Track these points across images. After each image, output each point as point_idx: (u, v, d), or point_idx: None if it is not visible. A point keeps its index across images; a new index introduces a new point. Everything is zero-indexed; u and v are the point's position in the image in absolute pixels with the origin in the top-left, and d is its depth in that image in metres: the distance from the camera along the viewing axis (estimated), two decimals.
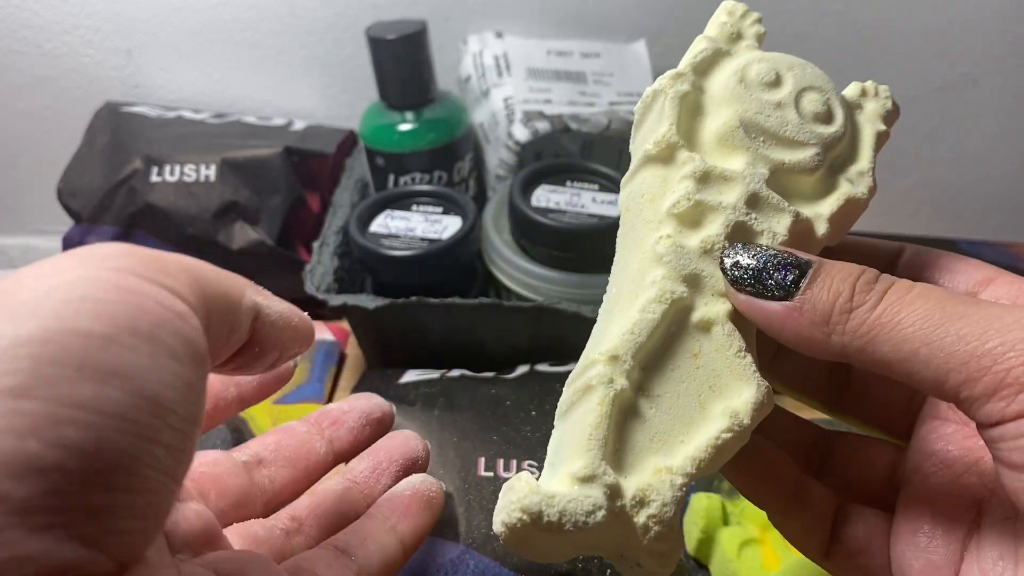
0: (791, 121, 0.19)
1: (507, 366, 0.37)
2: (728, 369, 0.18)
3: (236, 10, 0.47)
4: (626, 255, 0.20)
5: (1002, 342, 0.13)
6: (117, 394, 0.11)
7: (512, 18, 0.47)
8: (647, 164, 0.19)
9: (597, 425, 0.16)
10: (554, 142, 0.42)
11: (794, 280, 0.17)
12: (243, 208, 0.43)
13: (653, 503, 0.16)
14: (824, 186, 0.19)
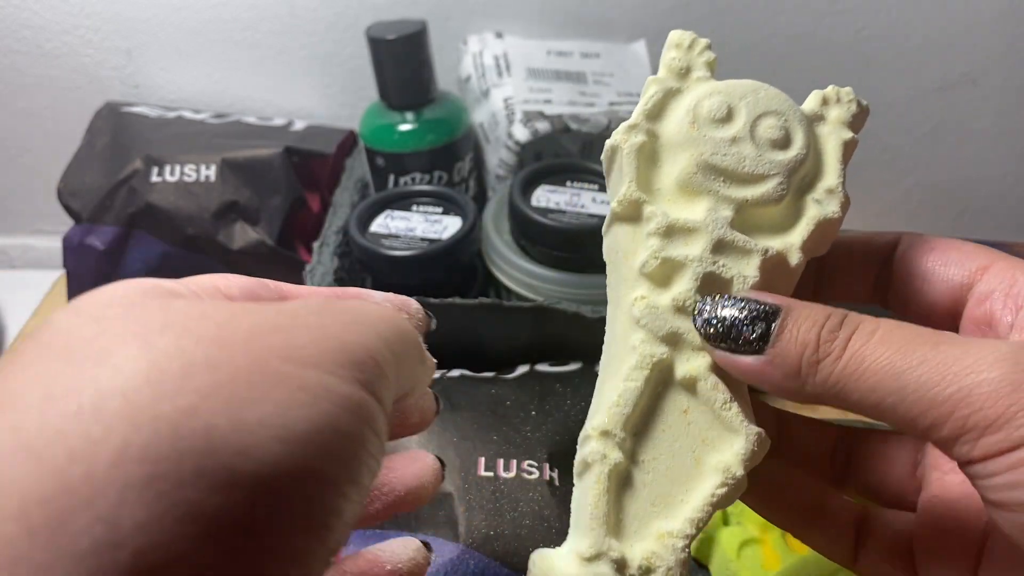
0: (748, 155, 0.19)
1: (507, 366, 0.37)
2: (716, 422, 0.18)
3: (236, 10, 0.47)
4: (613, 310, 0.20)
5: (959, 387, 0.14)
6: None
7: (512, 18, 0.47)
8: (615, 222, 0.19)
9: (596, 503, 0.17)
10: (554, 142, 0.42)
11: (762, 334, 0.17)
12: (243, 208, 0.43)
13: (659, 569, 0.17)
14: (794, 211, 0.19)
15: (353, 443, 0.11)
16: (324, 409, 0.11)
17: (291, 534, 0.10)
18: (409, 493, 0.20)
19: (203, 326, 0.11)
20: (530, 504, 0.29)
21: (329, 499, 0.11)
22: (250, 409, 0.10)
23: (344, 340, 0.12)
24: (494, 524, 0.29)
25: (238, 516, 0.10)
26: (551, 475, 0.30)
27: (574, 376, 0.35)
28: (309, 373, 0.11)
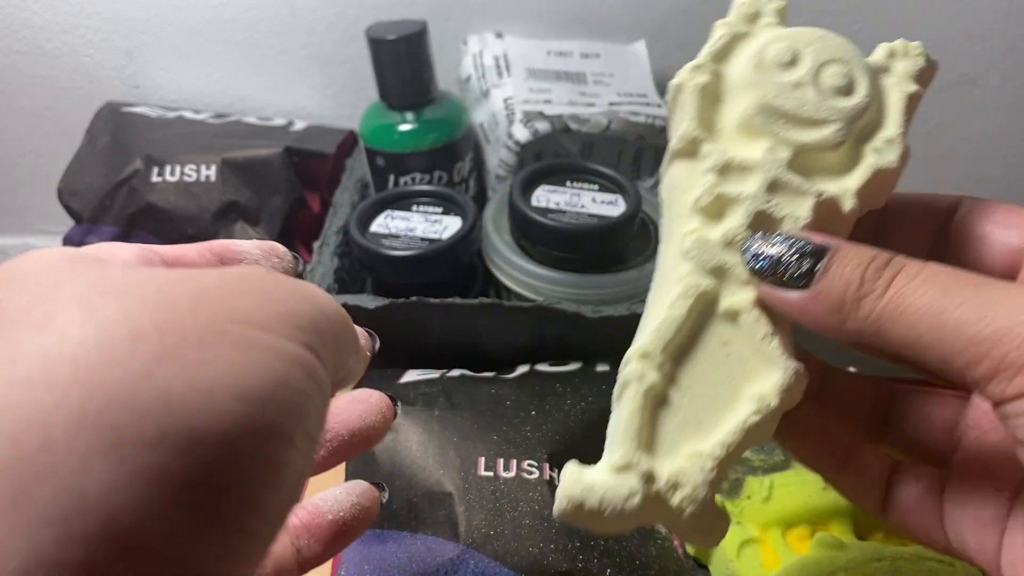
0: (810, 100, 0.19)
1: (507, 366, 0.37)
2: (756, 355, 0.18)
3: (236, 10, 0.47)
4: (665, 246, 0.20)
5: (998, 328, 0.14)
6: None
7: (512, 18, 0.47)
8: (675, 159, 0.20)
9: (630, 419, 0.18)
10: (554, 142, 0.42)
11: (808, 269, 0.17)
12: (243, 208, 0.43)
13: (685, 485, 0.17)
14: (852, 159, 0.19)
15: (303, 398, 0.11)
16: (275, 367, 0.11)
17: (257, 489, 0.11)
18: (355, 435, 0.20)
19: (146, 291, 0.11)
20: (530, 504, 0.29)
21: (286, 453, 0.11)
22: (204, 370, 0.10)
23: (288, 305, 0.12)
24: (494, 524, 0.29)
25: (206, 475, 0.10)
26: (551, 475, 0.31)
27: (574, 376, 0.35)
28: (257, 334, 0.11)
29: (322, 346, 0.13)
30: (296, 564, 0.19)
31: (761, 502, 0.29)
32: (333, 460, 0.20)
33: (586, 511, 0.17)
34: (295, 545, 0.19)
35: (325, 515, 0.20)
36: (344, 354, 0.14)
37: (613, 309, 0.34)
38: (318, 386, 0.12)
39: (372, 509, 0.21)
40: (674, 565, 0.30)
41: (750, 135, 0.19)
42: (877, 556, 0.27)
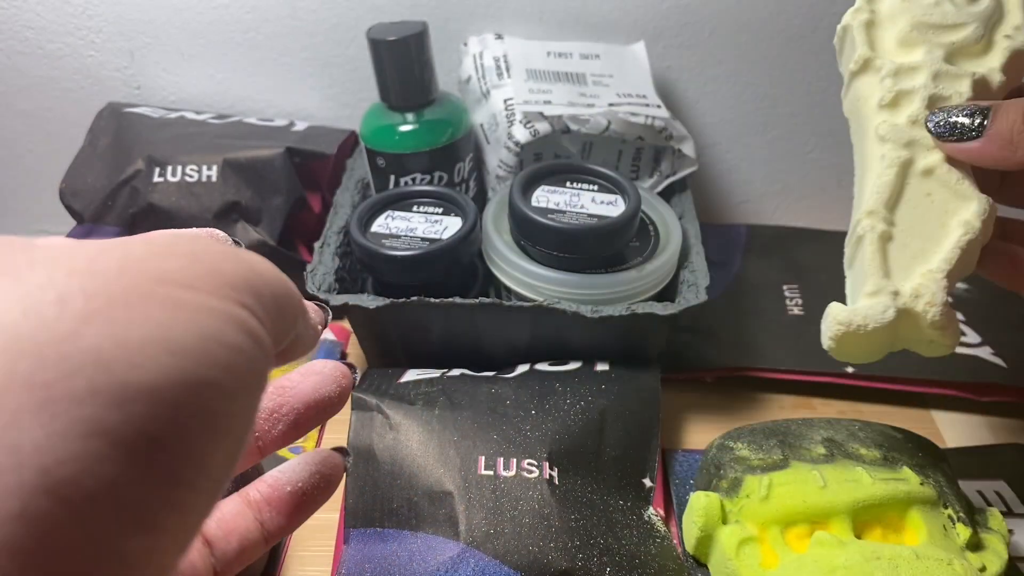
0: (949, 12, 0.27)
1: (507, 366, 0.37)
2: (954, 195, 0.26)
3: (238, 12, 0.48)
4: (860, 145, 0.28)
5: None
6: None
7: (512, 20, 0.48)
8: (855, 78, 0.28)
9: (872, 259, 0.26)
10: (554, 143, 0.43)
11: (979, 123, 0.25)
12: (245, 208, 0.43)
13: (925, 294, 0.25)
14: (990, 47, 0.27)
15: (238, 354, 0.12)
16: (206, 323, 0.11)
17: (193, 440, 0.11)
18: (310, 408, 0.20)
19: (73, 260, 0.11)
20: (530, 503, 0.30)
21: (224, 406, 0.11)
22: (133, 329, 0.10)
23: (219, 266, 0.12)
24: (494, 523, 0.29)
25: (140, 426, 0.10)
26: (551, 474, 0.31)
27: (574, 375, 0.35)
28: (186, 293, 0.11)
29: (259, 306, 0.13)
30: (262, 537, 0.19)
31: (760, 501, 0.29)
32: (291, 435, 0.20)
33: (854, 329, 0.25)
34: (258, 519, 0.20)
35: (284, 487, 0.20)
36: (287, 318, 0.14)
37: (612, 309, 0.34)
38: (256, 343, 0.12)
39: (333, 476, 0.21)
40: (673, 564, 0.30)
41: (909, 47, 0.27)
42: (876, 555, 0.27)
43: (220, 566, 0.19)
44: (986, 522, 0.30)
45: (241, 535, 0.19)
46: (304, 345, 0.17)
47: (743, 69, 0.49)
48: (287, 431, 0.20)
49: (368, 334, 0.39)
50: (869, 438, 0.32)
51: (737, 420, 0.39)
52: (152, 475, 0.10)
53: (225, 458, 0.12)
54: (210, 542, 0.19)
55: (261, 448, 0.20)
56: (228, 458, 0.12)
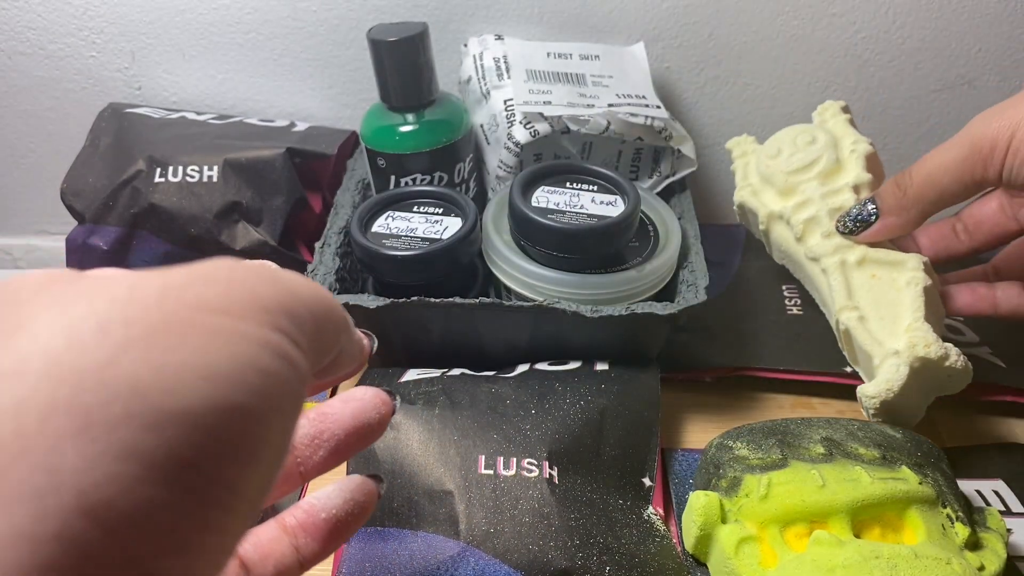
0: (801, 156, 0.39)
1: (507, 365, 0.37)
2: (891, 266, 0.34)
3: (239, 13, 0.48)
4: (803, 275, 0.39)
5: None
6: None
7: (512, 21, 0.48)
8: (769, 234, 0.40)
9: (863, 339, 0.33)
10: (554, 143, 0.43)
11: (873, 208, 0.34)
12: (246, 209, 0.43)
13: (918, 341, 0.31)
14: (846, 163, 0.38)
15: (273, 379, 0.12)
16: (241, 349, 0.12)
17: (227, 464, 0.11)
18: (350, 434, 0.20)
19: (114, 290, 0.11)
20: (530, 502, 0.30)
21: (257, 430, 0.12)
22: (169, 355, 0.11)
23: (255, 292, 0.13)
24: (494, 522, 0.29)
25: (174, 450, 0.10)
26: (551, 473, 0.31)
27: (574, 375, 0.35)
28: (222, 320, 0.12)
29: (296, 329, 0.13)
30: (297, 563, 0.20)
31: (759, 500, 0.29)
32: (332, 460, 0.20)
33: (885, 396, 0.31)
34: (294, 544, 0.20)
35: (319, 513, 0.20)
36: (327, 336, 0.15)
37: (612, 309, 0.34)
38: (291, 367, 0.13)
39: (367, 503, 0.21)
40: (673, 563, 0.30)
41: (789, 193, 0.38)
42: (875, 554, 0.27)
43: None
44: (985, 521, 0.30)
45: (277, 560, 0.20)
46: (351, 359, 0.17)
47: (742, 69, 0.49)
48: (328, 457, 0.20)
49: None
50: (868, 437, 0.32)
51: (736, 419, 0.39)
52: (187, 497, 0.11)
53: (260, 480, 0.12)
54: (247, 566, 0.19)
55: (303, 474, 0.20)
56: (263, 480, 0.12)
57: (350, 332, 0.17)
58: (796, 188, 0.38)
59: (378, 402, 0.21)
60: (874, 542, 0.28)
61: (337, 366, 0.16)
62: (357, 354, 0.17)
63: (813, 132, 0.39)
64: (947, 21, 0.47)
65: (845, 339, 0.35)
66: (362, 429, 0.20)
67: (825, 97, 0.50)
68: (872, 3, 0.47)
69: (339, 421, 0.20)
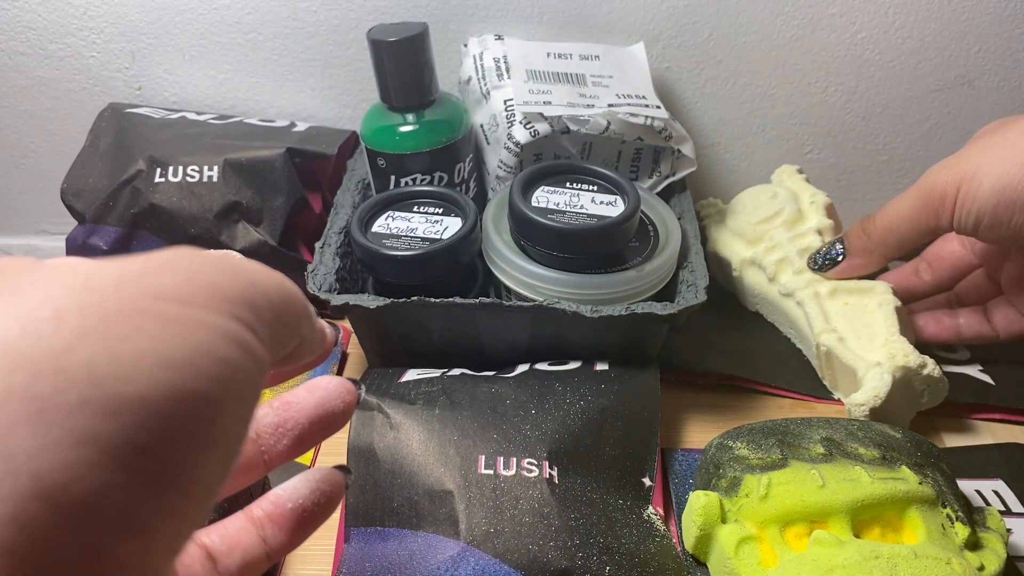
0: (766, 207, 0.44)
1: (507, 365, 0.37)
2: (862, 292, 0.39)
3: (239, 13, 0.48)
4: (778, 315, 0.43)
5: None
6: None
7: (512, 21, 0.48)
8: (742, 280, 0.44)
9: (846, 356, 0.36)
10: (554, 143, 0.43)
11: (841, 248, 0.39)
12: (246, 209, 0.43)
13: (897, 352, 0.35)
14: (807, 212, 0.44)
15: (230, 367, 0.12)
16: (199, 338, 0.12)
17: (183, 450, 0.11)
18: (314, 423, 0.20)
19: (71, 279, 0.11)
20: (530, 502, 0.30)
21: (214, 418, 0.12)
22: (126, 343, 0.11)
23: (215, 281, 0.13)
24: (494, 522, 0.29)
25: (130, 436, 0.10)
26: (551, 473, 0.31)
27: (574, 375, 0.35)
28: (180, 309, 0.12)
29: (255, 318, 0.13)
30: (264, 554, 0.20)
31: (759, 500, 0.29)
32: (296, 449, 0.21)
33: (873, 403, 0.34)
34: (261, 535, 0.20)
35: (286, 504, 0.20)
36: (288, 325, 0.15)
37: (612, 309, 0.34)
38: (249, 356, 0.13)
39: (334, 494, 0.21)
40: (672, 563, 0.30)
41: (757, 240, 0.43)
42: (875, 554, 0.27)
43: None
44: (984, 521, 0.30)
45: (244, 551, 0.20)
46: (310, 348, 0.17)
47: (742, 69, 0.49)
48: (292, 445, 0.20)
49: (368, 334, 0.39)
50: (868, 437, 0.32)
51: (736, 419, 0.39)
52: (142, 482, 0.11)
53: (217, 466, 0.12)
54: (214, 557, 0.19)
55: (267, 462, 0.20)
56: (221, 466, 0.12)
57: (311, 321, 0.17)
58: (764, 236, 0.42)
59: (343, 391, 0.21)
60: (874, 542, 0.28)
61: (298, 355, 0.16)
62: (319, 343, 0.18)
63: (773, 189, 0.45)
64: (947, 21, 0.47)
65: (826, 362, 0.38)
66: (326, 418, 0.20)
67: (825, 97, 0.50)
68: (872, 3, 0.47)
69: (303, 410, 0.20)
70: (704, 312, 0.36)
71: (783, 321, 0.43)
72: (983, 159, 0.32)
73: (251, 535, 0.20)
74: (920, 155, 0.53)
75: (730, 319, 0.45)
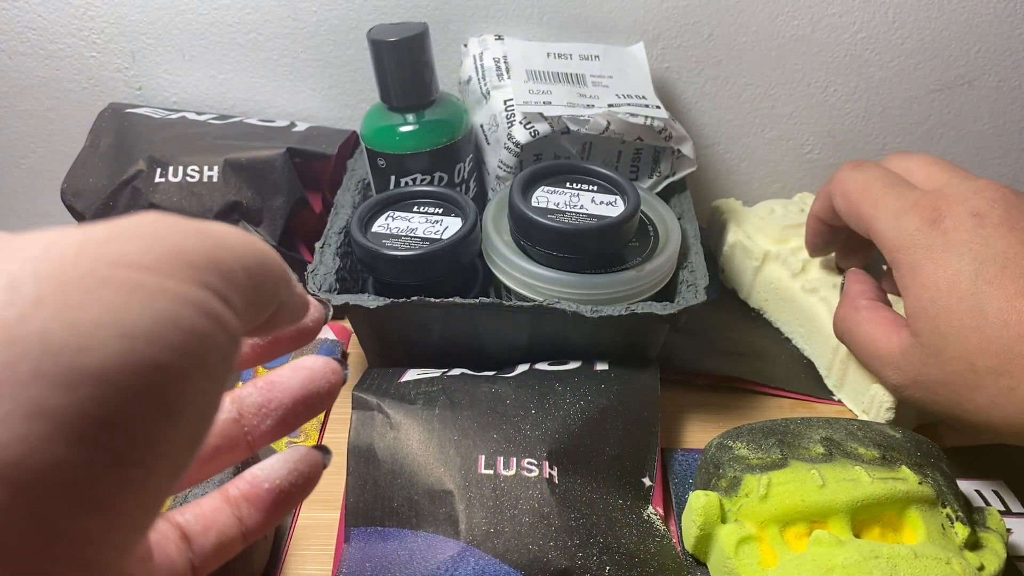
0: (795, 215, 0.46)
1: (507, 365, 0.37)
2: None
3: (239, 13, 0.48)
4: (790, 310, 0.43)
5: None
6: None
7: (512, 21, 0.48)
8: (759, 272, 0.45)
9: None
10: (554, 143, 0.43)
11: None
12: (246, 209, 0.43)
13: None
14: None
15: (197, 337, 0.12)
16: (162, 306, 0.11)
17: (146, 422, 0.11)
18: (299, 403, 0.20)
19: (29, 248, 0.11)
20: (530, 502, 0.30)
21: (180, 389, 0.11)
22: (84, 312, 0.10)
23: (180, 247, 0.12)
24: (494, 521, 0.29)
25: (88, 409, 0.10)
26: (551, 473, 0.31)
27: (574, 375, 0.35)
28: (143, 276, 0.11)
29: (226, 284, 0.13)
30: (240, 534, 0.20)
31: (759, 500, 0.30)
32: (280, 430, 0.20)
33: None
34: (236, 515, 0.20)
35: (262, 484, 0.20)
36: (264, 289, 0.14)
37: (612, 309, 0.34)
38: (219, 325, 0.12)
39: (312, 474, 0.21)
40: (672, 563, 0.30)
41: (783, 240, 0.44)
42: (874, 554, 0.27)
43: (198, 561, 0.19)
44: (984, 521, 0.30)
45: (219, 531, 0.19)
46: (292, 313, 0.16)
47: (742, 70, 0.49)
48: (276, 426, 0.20)
49: (368, 334, 0.39)
50: (868, 437, 0.32)
51: (736, 419, 0.39)
52: (102, 457, 0.10)
53: (185, 440, 0.12)
54: (189, 537, 0.19)
55: (251, 443, 0.20)
56: (189, 439, 0.12)
57: (290, 285, 0.16)
58: (791, 238, 0.44)
59: (328, 371, 0.20)
60: (874, 542, 0.28)
61: (278, 321, 0.16)
62: (300, 309, 0.17)
63: (800, 204, 0.47)
64: (947, 21, 0.47)
65: (847, 356, 0.38)
66: (311, 398, 0.20)
67: (825, 98, 0.50)
68: (872, 3, 0.47)
69: (287, 390, 0.20)
70: (704, 312, 0.36)
71: (793, 318, 0.43)
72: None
73: (227, 515, 0.19)
74: None
75: (730, 319, 0.45)
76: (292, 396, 0.20)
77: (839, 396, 0.40)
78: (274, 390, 0.20)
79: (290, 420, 0.20)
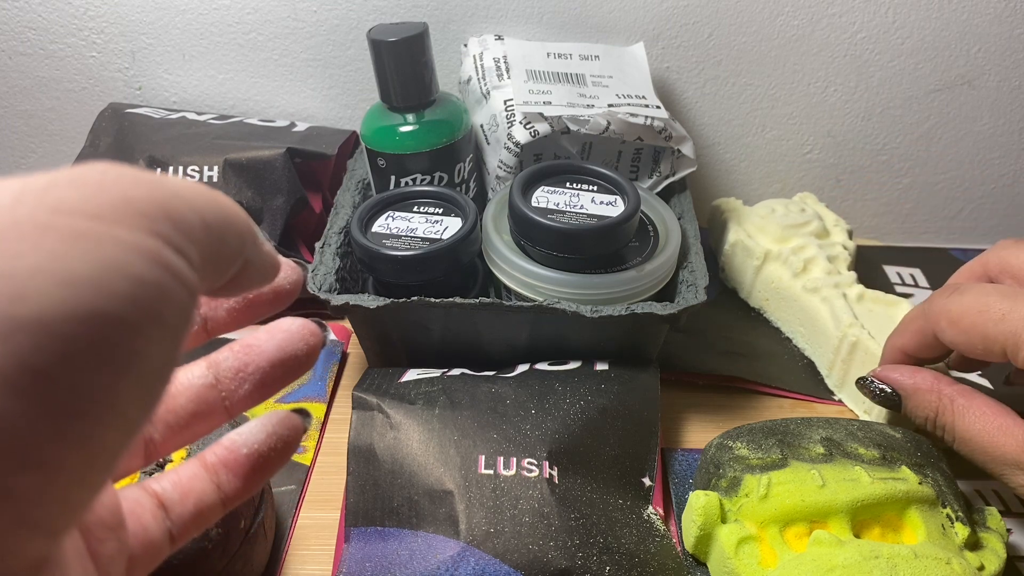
0: (797, 216, 0.45)
1: (507, 365, 0.37)
2: (886, 304, 0.41)
3: (239, 13, 0.48)
4: (791, 310, 0.43)
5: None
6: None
7: (512, 21, 0.48)
8: (760, 271, 0.45)
9: (873, 348, 0.37)
10: (554, 143, 0.43)
11: (897, 401, 0.33)
12: (246, 209, 0.43)
13: None
14: (831, 231, 0.46)
15: (148, 287, 0.11)
16: (107, 254, 0.11)
17: (91, 374, 0.10)
18: (276, 367, 0.19)
19: None
20: (530, 502, 0.30)
21: (129, 340, 0.11)
22: (21, 260, 0.10)
23: (128, 194, 0.12)
24: (494, 521, 0.29)
25: (25, 359, 0.10)
26: (551, 473, 0.31)
27: (574, 375, 0.35)
28: (86, 223, 0.11)
29: (180, 235, 0.12)
30: (219, 501, 0.19)
31: (759, 500, 0.30)
32: (258, 394, 0.20)
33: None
34: (215, 482, 0.19)
35: (240, 450, 0.20)
36: (226, 243, 0.14)
37: (612, 309, 0.34)
38: (173, 276, 0.12)
39: (291, 438, 0.20)
40: (672, 563, 0.30)
41: (784, 239, 0.44)
42: (874, 554, 0.27)
43: (176, 530, 0.18)
44: (984, 521, 0.30)
45: (197, 498, 0.19)
46: (260, 272, 0.16)
47: (742, 70, 0.49)
48: (254, 391, 0.19)
49: (369, 334, 0.39)
50: (868, 438, 0.32)
51: (736, 419, 0.39)
52: (39, 409, 0.10)
53: (138, 393, 0.11)
54: (166, 506, 0.18)
55: (228, 408, 0.20)
56: (144, 394, 0.12)
57: (257, 243, 0.15)
58: (792, 238, 0.44)
59: (306, 333, 0.20)
60: (874, 542, 0.28)
61: (244, 279, 0.15)
62: (269, 268, 0.16)
63: (800, 204, 0.47)
64: (947, 21, 0.47)
65: (848, 355, 0.38)
66: (288, 361, 0.19)
67: (825, 97, 0.50)
68: (872, 3, 0.47)
69: (264, 353, 0.19)
70: (704, 312, 0.36)
71: (793, 318, 0.43)
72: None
73: (205, 482, 0.19)
74: (920, 155, 0.53)
75: (730, 319, 0.45)
76: (269, 359, 0.19)
77: (839, 396, 0.40)
78: (251, 353, 0.19)
79: (268, 384, 0.19)
